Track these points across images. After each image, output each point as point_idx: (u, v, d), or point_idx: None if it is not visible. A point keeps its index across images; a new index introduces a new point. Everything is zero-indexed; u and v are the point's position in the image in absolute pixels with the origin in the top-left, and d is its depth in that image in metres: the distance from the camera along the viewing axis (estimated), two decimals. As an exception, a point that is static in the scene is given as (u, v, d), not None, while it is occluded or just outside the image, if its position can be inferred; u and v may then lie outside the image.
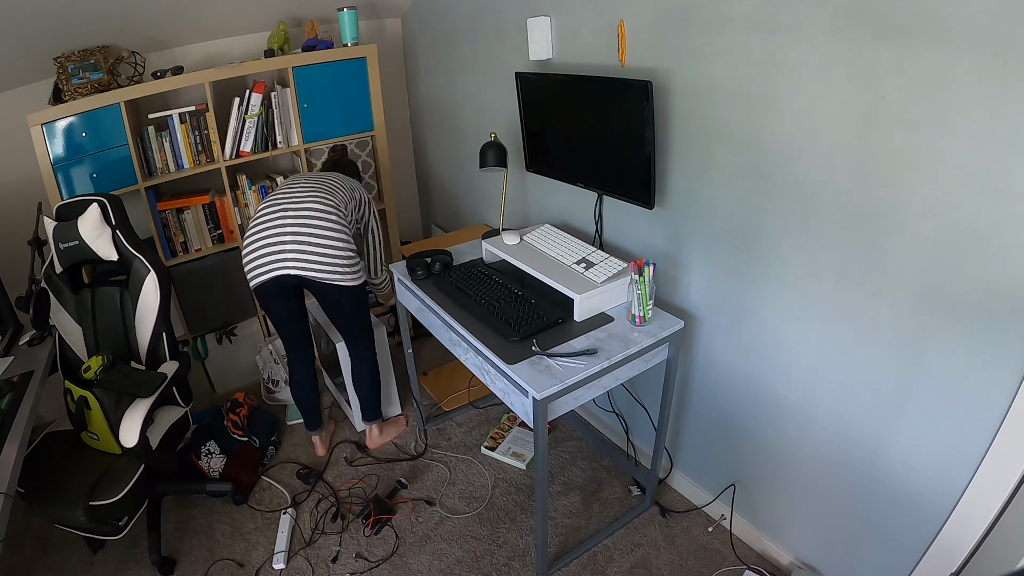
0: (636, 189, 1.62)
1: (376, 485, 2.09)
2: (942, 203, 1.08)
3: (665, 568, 1.74)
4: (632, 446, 2.11)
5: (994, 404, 1.10)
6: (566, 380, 1.37)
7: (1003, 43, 0.93)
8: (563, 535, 1.86)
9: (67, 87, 2.00)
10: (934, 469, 1.24)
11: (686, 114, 1.52)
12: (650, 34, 1.54)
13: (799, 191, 1.32)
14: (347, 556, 1.83)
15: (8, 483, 1.30)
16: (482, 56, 2.30)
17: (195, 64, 2.40)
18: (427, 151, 3.09)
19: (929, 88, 1.04)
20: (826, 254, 1.31)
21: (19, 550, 1.89)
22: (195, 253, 2.36)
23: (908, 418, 1.26)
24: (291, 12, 2.45)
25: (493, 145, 1.95)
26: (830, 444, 1.45)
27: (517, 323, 1.54)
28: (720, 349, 1.68)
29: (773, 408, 1.57)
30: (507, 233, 1.93)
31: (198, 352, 2.44)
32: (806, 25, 1.19)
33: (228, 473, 2.09)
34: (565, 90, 1.77)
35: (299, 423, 2.42)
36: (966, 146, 1.02)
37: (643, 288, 1.52)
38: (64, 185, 2.04)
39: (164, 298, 1.84)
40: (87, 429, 1.69)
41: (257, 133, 2.30)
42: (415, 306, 1.90)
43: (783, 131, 1.31)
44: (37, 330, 1.85)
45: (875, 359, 1.29)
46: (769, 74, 1.29)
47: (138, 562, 1.83)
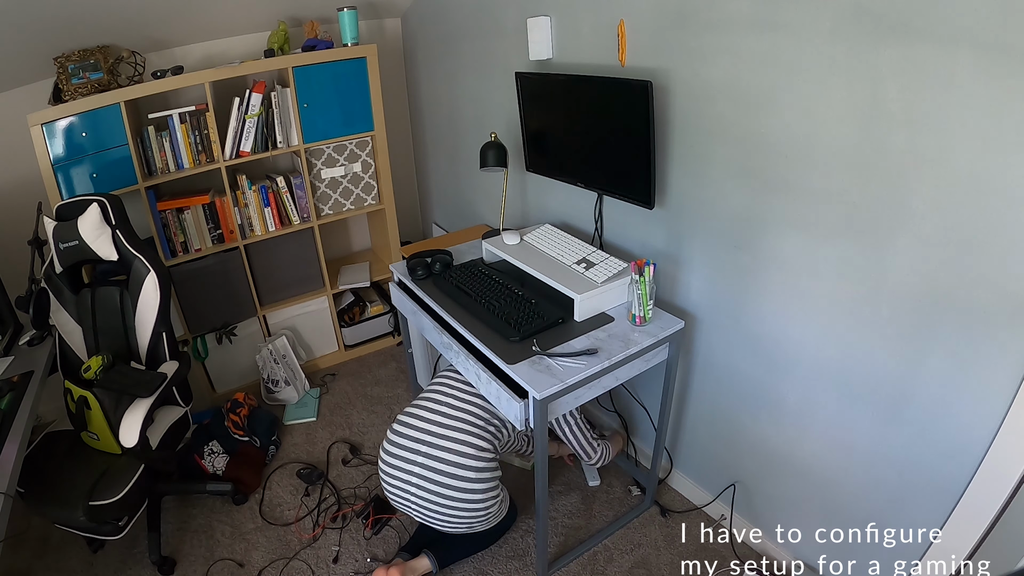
0: (636, 189, 1.62)
1: (377, 485, 2.09)
2: (942, 203, 1.08)
3: (665, 568, 1.74)
4: (632, 446, 2.11)
5: (994, 404, 1.10)
6: (566, 380, 1.37)
7: (1003, 43, 0.93)
8: (563, 535, 1.86)
9: (67, 87, 2.00)
10: (934, 469, 1.24)
11: (686, 114, 1.52)
12: (650, 34, 1.54)
13: (799, 191, 1.32)
14: (348, 556, 1.83)
15: (8, 483, 1.30)
16: (482, 56, 2.29)
17: (195, 64, 2.40)
18: (427, 151, 3.09)
19: (929, 88, 1.04)
20: (826, 254, 1.31)
21: (19, 550, 1.89)
22: (195, 253, 2.36)
23: (908, 418, 1.26)
24: (291, 12, 2.45)
25: (494, 145, 1.95)
26: (830, 444, 1.45)
27: (517, 323, 1.53)
28: (720, 349, 1.68)
29: (773, 408, 1.57)
30: (507, 233, 1.93)
31: (198, 352, 2.44)
32: (806, 25, 1.19)
33: (231, 473, 2.09)
34: (565, 90, 1.77)
35: (298, 423, 2.43)
36: (966, 146, 1.02)
37: (643, 288, 1.52)
38: (64, 185, 2.04)
39: (164, 298, 1.84)
40: (87, 429, 1.69)
41: (257, 133, 2.30)
42: (409, 308, 1.89)
43: (783, 131, 1.31)
44: (37, 330, 1.85)
45: (875, 359, 1.28)
46: (769, 74, 1.29)
47: (138, 562, 1.83)
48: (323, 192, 2.55)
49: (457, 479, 1.54)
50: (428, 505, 1.58)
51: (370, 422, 2.41)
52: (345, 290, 2.80)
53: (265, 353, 2.50)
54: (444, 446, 1.57)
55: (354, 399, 2.57)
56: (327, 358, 2.81)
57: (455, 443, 1.57)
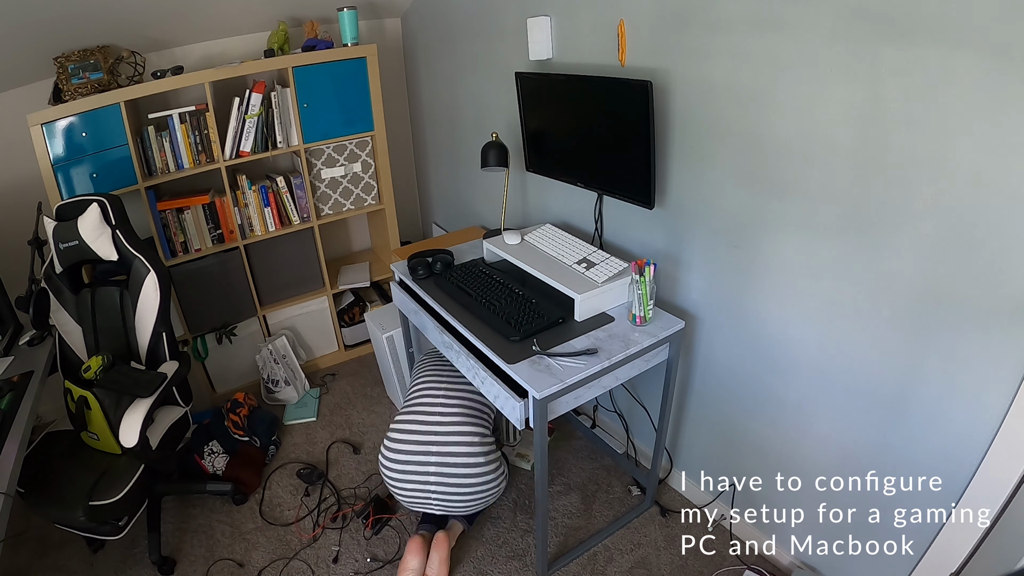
0: (636, 189, 1.62)
1: (377, 485, 2.09)
2: (942, 203, 1.08)
3: (665, 568, 1.74)
4: (632, 446, 2.11)
5: (994, 404, 1.10)
6: (566, 380, 1.37)
7: (1003, 43, 0.93)
8: (563, 535, 1.86)
9: (67, 87, 2.00)
10: (934, 469, 1.24)
11: (686, 114, 1.52)
12: (650, 34, 1.54)
13: (799, 191, 1.32)
14: (348, 556, 1.83)
15: (8, 483, 1.30)
16: (482, 56, 2.29)
17: (195, 64, 2.40)
18: (427, 151, 3.09)
19: (929, 88, 1.04)
20: (826, 254, 1.31)
21: (19, 550, 1.89)
22: (195, 253, 2.35)
23: (908, 418, 1.26)
24: (291, 12, 2.45)
25: (495, 145, 1.95)
26: (830, 444, 1.45)
27: (518, 323, 1.53)
28: (720, 349, 1.68)
29: (773, 408, 1.57)
30: (508, 233, 1.93)
31: (198, 352, 2.44)
32: (806, 25, 1.19)
33: (231, 473, 2.09)
34: (565, 90, 1.77)
35: (298, 423, 2.43)
36: (966, 146, 1.02)
37: (644, 288, 1.52)
38: (64, 185, 2.04)
39: (164, 298, 1.84)
40: (87, 429, 1.69)
41: (257, 133, 2.30)
42: (410, 308, 1.89)
43: (783, 131, 1.31)
44: (37, 330, 1.85)
45: (875, 359, 1.29)
46: (769, 74, 1.29)
47: (138, 562, 1.83)
48: (323, 192, 2.55)
49: (471, 467, 1.66)
50: (450, 498, 1.69)
51: (370, 422, 2.41)
52: (345, 290, 2.80)
53: (265, 353, 2.50)
54: (452, 441, 1.67)
55: (354, 399, 2.57)
56: (327, 358, 2.81)
57: (461, 436, 1.68)
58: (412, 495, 1.72)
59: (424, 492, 1.70)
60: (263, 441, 2.23)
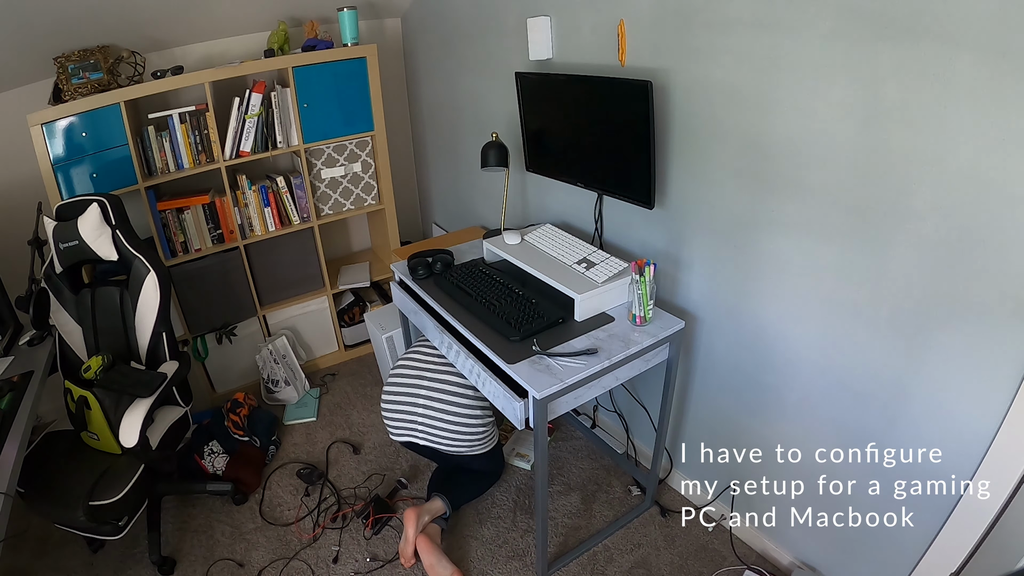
0: (636, 189, 1.62)
1: (377, 485, 2.09)
2: (942, 203, 1.08)
3: (665, 568, 1.74)
4: (632, 446, 2.11)
5: (994, 404, 1.10)
6: (566, 380, 1.37)
7: (1003, 43, 0.93)
8: (563, 535, 1.86)
9: (67, 87, 2.00)
10: (934, 468, 1.23)
11: (686, 114, 1.52)
12: (650, 34, 1.54)
13: (799, 191, 1.32)
14: (348, 556, 1.83)
15: (8, 483, 1.30)
16: (482, 56, 2.29)
17: (195, 64, 2.40)
18: (427, 151, 3.08)
19: (929, 88, 1.04)
20: (826, 254, 1.31)
21: (19, 550, 1.89)
22: (195, 253, 2.35)
23: (908, 417, 1.26)
24: (291, 12, 2.45)
25: (495, 145, 1.95)
26: (830, 443, 1.45)
27: (518, 323, 1.53)
28: (720, 349, 1.68)
29: (773, 408, 1.57)
30: (508, 233, 1.93)
31: (198, 352, 2.44)
32: (806, 25, 1.19)
33: (231, 473, 2.09)
34: (565, 90, 1.77)
35: (298, 423, 2.43)
36: (966, 146, 1.02)
37: (644, 288, 1.52)
38: (64, 185, 2.04)
39: (164, 298, 1.84)
40: (87, 429, 1.69)
41: (257, 133, 2.30)
42: (410, 308, 1.89)
43: (783, 131, 1.31)
44: (37, 330, 1.85)
45: (875, 359, 1.28)
46: (769, 74, 1.29)
47: (138, 562, 1.83)
48: (323, 192, 2.55)
49: (460, 407, 1.76)
50: (433, 424, 1.77)
51: (370, 422, 2.41)
52: (345, 290, 2.80)
53: (265, 353, 2.50)
54: (442, 378, 1.80)
55: (354, 399, 2.57)
56: (327, 358, 2.81)
57: (450, 375, 1.80)
58: (399, 421, 1.81)
59: (411, 418, 1.79)
60: (263, 441, 2.23)
